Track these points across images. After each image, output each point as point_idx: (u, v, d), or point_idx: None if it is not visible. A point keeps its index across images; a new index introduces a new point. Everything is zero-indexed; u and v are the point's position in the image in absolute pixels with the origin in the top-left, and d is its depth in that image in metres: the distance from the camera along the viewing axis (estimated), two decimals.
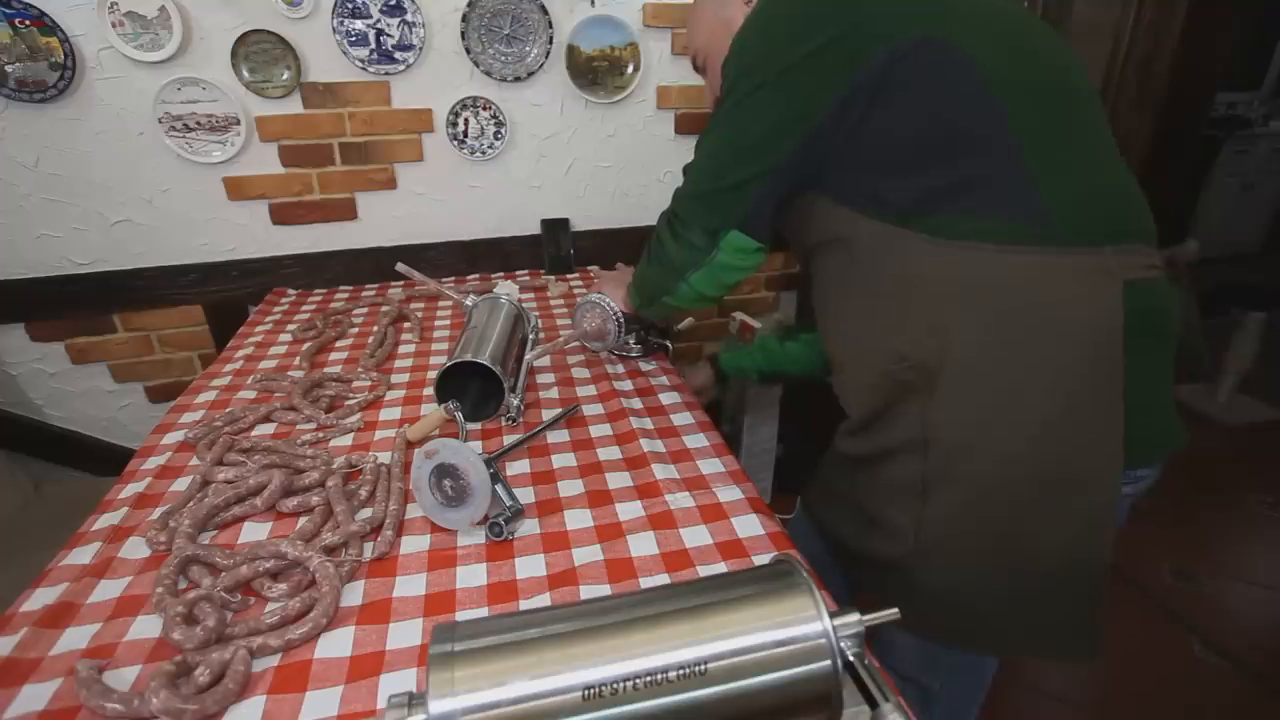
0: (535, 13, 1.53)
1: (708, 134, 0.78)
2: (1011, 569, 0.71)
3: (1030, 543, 0.69)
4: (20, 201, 1.41)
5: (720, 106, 0.75)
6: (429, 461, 0.72)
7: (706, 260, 0.81)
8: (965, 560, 0.73)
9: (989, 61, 0.65)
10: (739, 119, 0.73)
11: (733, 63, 0.73)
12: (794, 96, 0.68)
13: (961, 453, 0.69)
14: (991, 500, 0.69)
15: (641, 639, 0.39)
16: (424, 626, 0.62)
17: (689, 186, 0.81)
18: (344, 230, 1.64)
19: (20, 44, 1.29)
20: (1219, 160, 4.02)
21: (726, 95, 0.74)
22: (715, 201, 0.77)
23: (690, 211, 0.80)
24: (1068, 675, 1.58)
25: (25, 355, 1.53)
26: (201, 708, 0.52)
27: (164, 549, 0.71)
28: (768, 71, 0.69)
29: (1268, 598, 1.81)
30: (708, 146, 0.78)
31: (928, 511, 0.72)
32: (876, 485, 0.78)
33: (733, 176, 0.74)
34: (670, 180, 1.81)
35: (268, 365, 1.17)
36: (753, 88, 0.70)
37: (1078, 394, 0.65)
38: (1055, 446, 0.66)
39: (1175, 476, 2.25)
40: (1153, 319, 0.66)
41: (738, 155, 0.74)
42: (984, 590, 0.73)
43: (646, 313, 1.04)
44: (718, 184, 0.76)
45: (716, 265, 0.81)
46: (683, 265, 0.83)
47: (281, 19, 1.41)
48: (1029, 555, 0.70)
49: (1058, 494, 0.67)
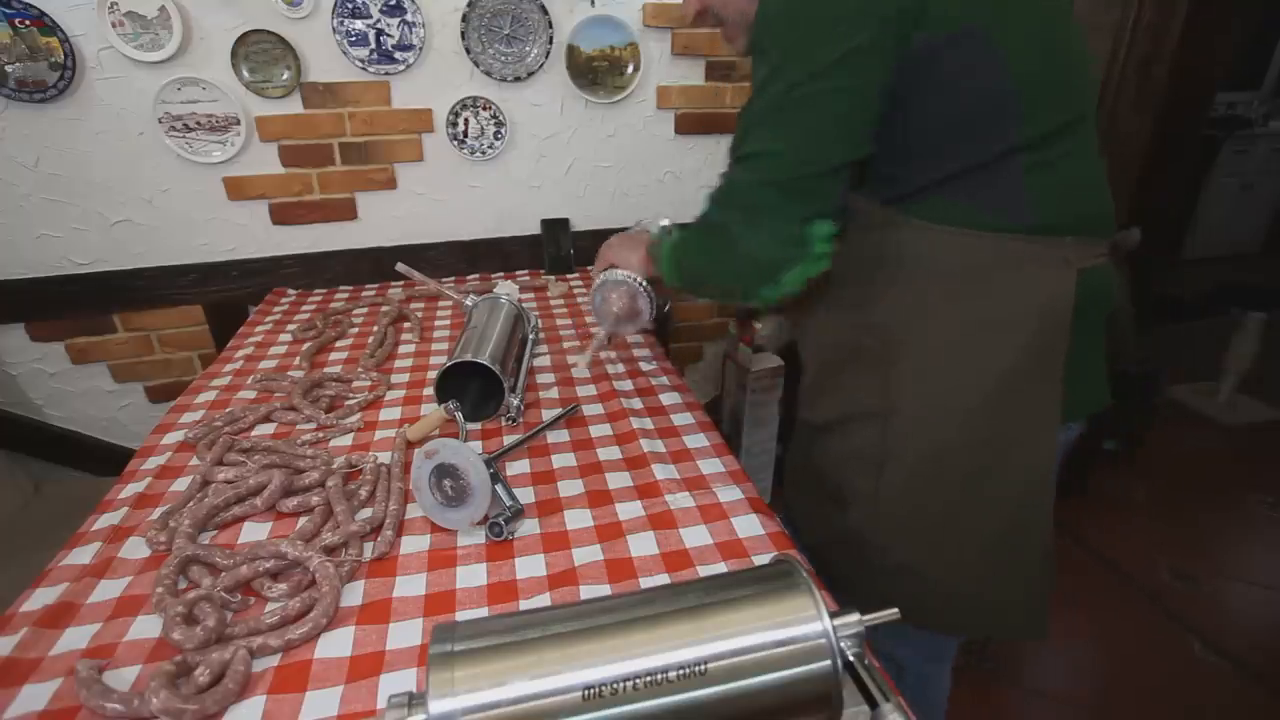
0: (535, 13, 1.53)
1: (775, 114, 0.67)
2: (963, 537, 0.78)
3: (979, 509, 0.76)
4: (20, 201, 1.41)
5: (777, 81, 0.65)
6: (429, 461, 0.72)
7: (803, 255, 0.70)
8: (921, 527, 0.79)
9: (1018, 59, 0.64)
10: (818, 100, 0.64)
11: (787, 33, 0.65)
12: (867, 76, 0.64)
13: (920, 421, 0.75)
14: (945, 466, 0.75)
15: (641, 639, 0.39)
16: (424, 626, 0.62)
17: (762, 174, 0.69)
18: (344, 230, 1.64)
19: (20, 44, 1.29)
20: (1219, 160, 4.03)
21: (785, 68, 0.65)
22: (806, 189, 0.68)
23: (774, 201, 0.69)
24: (1068, 675, 1.58)
25: (25, 355, 1.53)
26: (201, 708, 0.52)
27: (164, 549, 0.71)
28: (838, 47, 0.62)
29: (1268, 598, 1.81)
30: (776, 128, 0.67)
31: (886, 477, 0.78)
32: (838, 453, 0.84)
33: (823, 161, 0.66)
34: (670, 180, 1.81)
35: (268, 365, 1.17)
36: (829, 64, 0.63)
37: (1029, 371, 0.71)
38: (1004, 417, 0.73)
39: (1175, 476, 2.27)
40: (1095, 300, 0.73)
41: (823, 138, 0.66)
42: (937, 561, 0.79)
43: (675, 290, 0.89)
44: (805, 169, 0.67)
45: (812, 259, 0.70)
46: (773, 263, 0.71)
47: (281, 19, 1.41)
48: (979, 520, 0.77)
49: (1005, 459, 0.74)
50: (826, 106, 0.64)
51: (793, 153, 0.67)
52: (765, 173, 0.69)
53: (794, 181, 0.67)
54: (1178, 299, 3.51)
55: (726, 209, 0.74)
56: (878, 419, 0.78)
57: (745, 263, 0.72)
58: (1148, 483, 2.26)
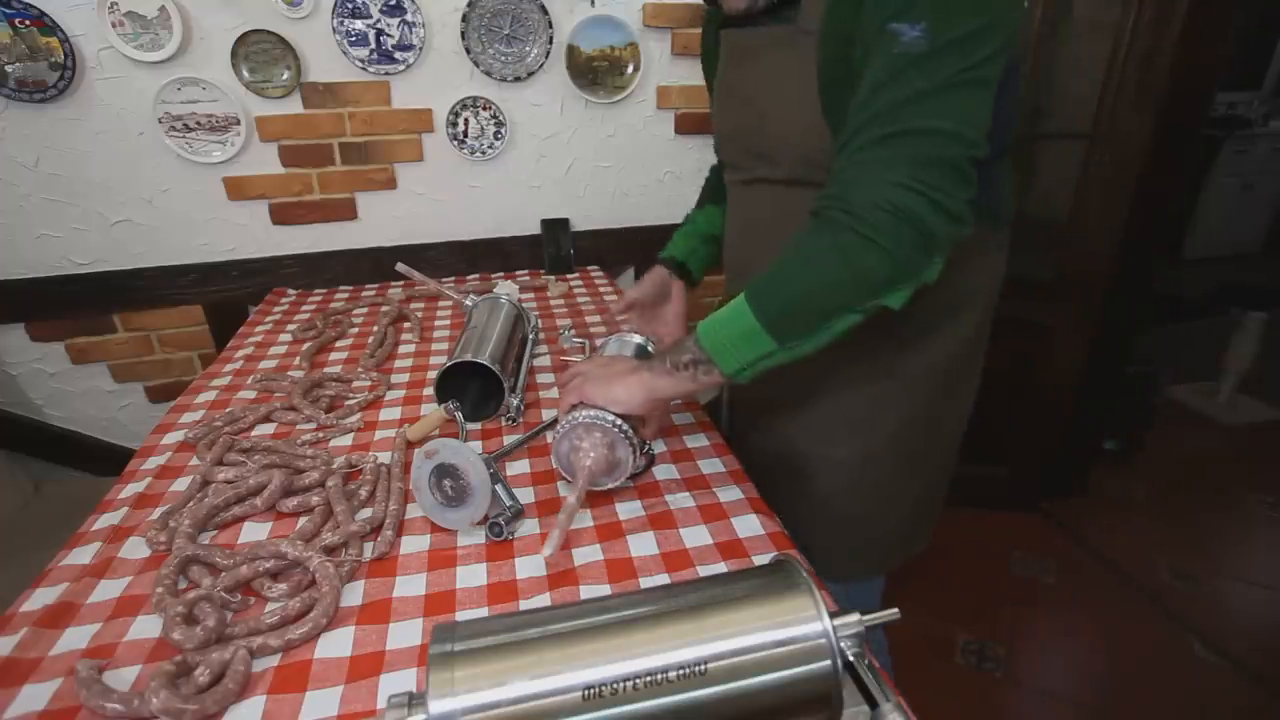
0: (535, 13, 1.53)
1: (950, 91, 0.60)
2: (910, 487, 0.90)
3: (929, 460, 0.90)
4: (20, 201, 1.41)
5: (955, 58, 0.59)
6: (429, 461, 0.72)
7: (966, 234, 0.64)
8: (884, 487, 0.88)
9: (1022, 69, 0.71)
10: (987, 88, 0.62)
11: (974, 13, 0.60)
12: (996, 75, 0.62)
13: (907, 388, 0.83)
14: (918, 427, 0.85)
15: (641, 639, 0.39)
16: (424, 626, 0.62)
17: (935, 149, 0.61)
18: (344, 230, 1.64)
19: (20, 44, 1.29)
20: (1219, 160, 4.03)
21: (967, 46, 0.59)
22: (971, 174, 0.62)
23: (952, 179, 0.61)
24: (1068, 675, 1.58)
25: (25, 355, 1.53)
26: (201, 708, 0.52)
27: (164, 549, 0.71)
28: (1001, 34, 0.60)
29: (1268, 598, 1.81)
30: (951, 104, 0.60)
31: (867, 444, 0.85)
32: (822, 418, 0.87)
33: (979, 149, 0.62)
34: (670, 180, 1.81)
35: (268, 365, 1.17)
36: (983, 58, 0.60)
37: (977, 340, 0.86)
38: (957, 379, 0.86)
39: (1175, 476, 2.27)
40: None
41: (981, 126, 0.62)
42: (887, 512, 0.90)
43: (759, 368, 0.68)
44: (972, 152, 0.61)
45: (963, 238, 0.65)
46: (945, 240, 0.63)
47: (281, 19, 1.41)
48: (925, 469, 0.90)
49: (951, 414, 0.88)
50: (986, 95, 0.62)
51: (966, 133, 0.61)
52: (941, 149, 0.61)
53: (964, 163, 0.62)
54: (1178, 299, 3.51)
55: (873, 191, 0.62)
56: (868, 384, 0.83)
57: (906, 243, 0.61)
58: (1148, 483, 2.26)
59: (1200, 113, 1.69)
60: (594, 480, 0.74)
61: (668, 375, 0.71)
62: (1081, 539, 2.01)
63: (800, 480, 0.90)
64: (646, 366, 0.73)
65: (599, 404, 0.73)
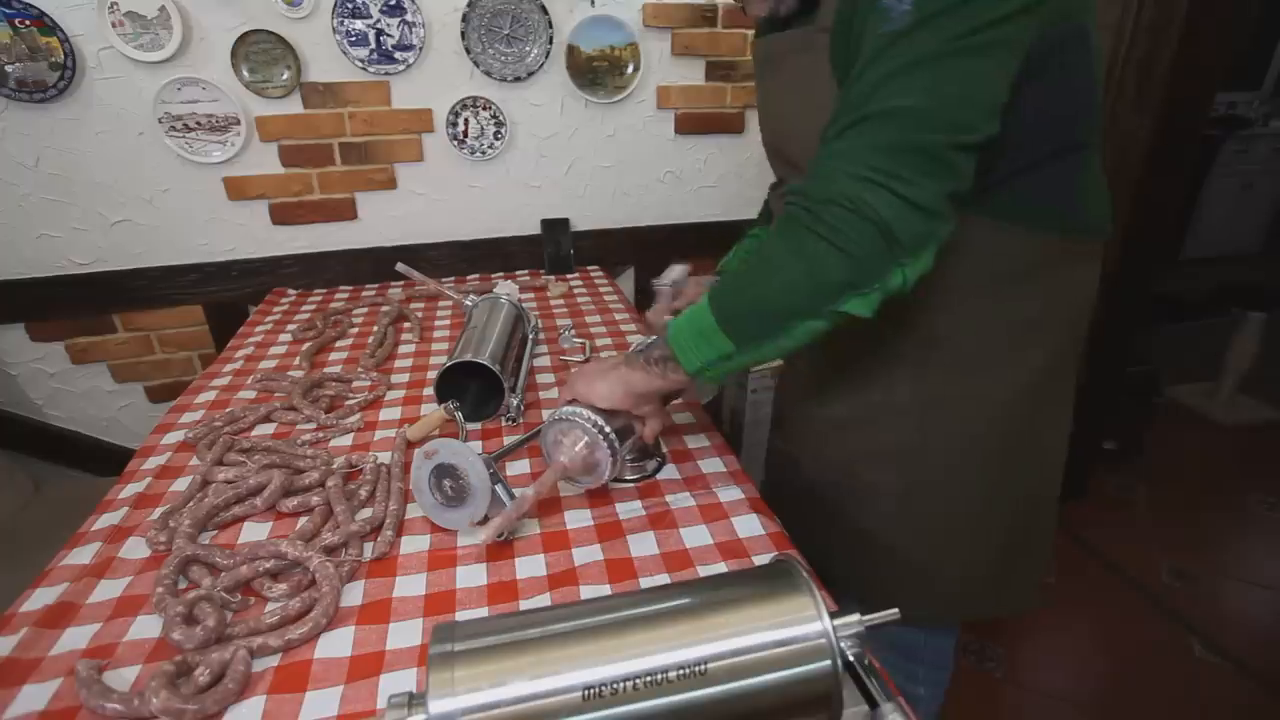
0: (535, 13, 1.53)
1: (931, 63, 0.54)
2: (982, 530, 0.78)
3: (1001, 502, 0.77)
4: (20, 201, 1.41)
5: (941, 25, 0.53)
6: (429, 461, 0.72)
7: (943, 233, 0.57)
8: (942, 524, 0.78)
9: (1098, 61, 0.62)
10: (990, 52, 0.54)
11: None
12: (1022, 40, 0.55)
13: (956, 417, 0.74)
14: (976, 461, 0.75)
15: (641, 639, 0.39)
16: (424, 626, 0.62)
17: (900, 133, 0.55)
18: (344, 230, 1.64)
19: (20, 44, 1.29)
20: (1219, 160, 4.03)
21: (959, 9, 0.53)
22: (948, 161, 0.55)
23: (919, 167, 0.54)
24: (1068, 675, 1.58)
25: (25, 355, 1.53)
26: (201, 708, 0.52)
27: (164, 549, 0.71)
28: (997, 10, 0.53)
29: (1268, 598, 1.81)
30: (930, 77, 0.54)
31: (916, 474, 0.77)
32: (858, 449, 0.80)
33: (970, 129, 0.55)
34: (670, 180, 1.81)
35: (268, 365, 1.17)
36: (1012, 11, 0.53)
37: (1055, 368, 0.73)
38: (1032, 411, 0.74)
39: (1175, 476, 2.27)
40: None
41: (974, 102, 0.55)
42: (953, 556, 0.79)
43: (722, 368, 0.65)
44: (954, 135, 0.54)
45: (939, 243, 0.58)
46: (915, 236, 0.56)
47: (281, 19, 1.41)
48: (999, 513, 0.78)
49: (1028, 453, 0.77)
50: (994, 61, 0.54)
51: (942, 112, 0.54)
52: (906, 132, 0.54)
53: (940, 148, 0.54)
54: (1178, 299, 3.51)
55: (829, 184, 0.57)
56: (910, 414, 0.75)
57: (865, 243, 0.55)
58: (1148, 483, 2.26)
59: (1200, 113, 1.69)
60: (568, 475, 0.74)
61: (641, 370, 0.70)
62: (1081, 539, 2.01)
63: (843, 507, 0.84)
64: (626, 362, 0.73)
65: (586, 400, 0.73)
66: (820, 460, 0.87)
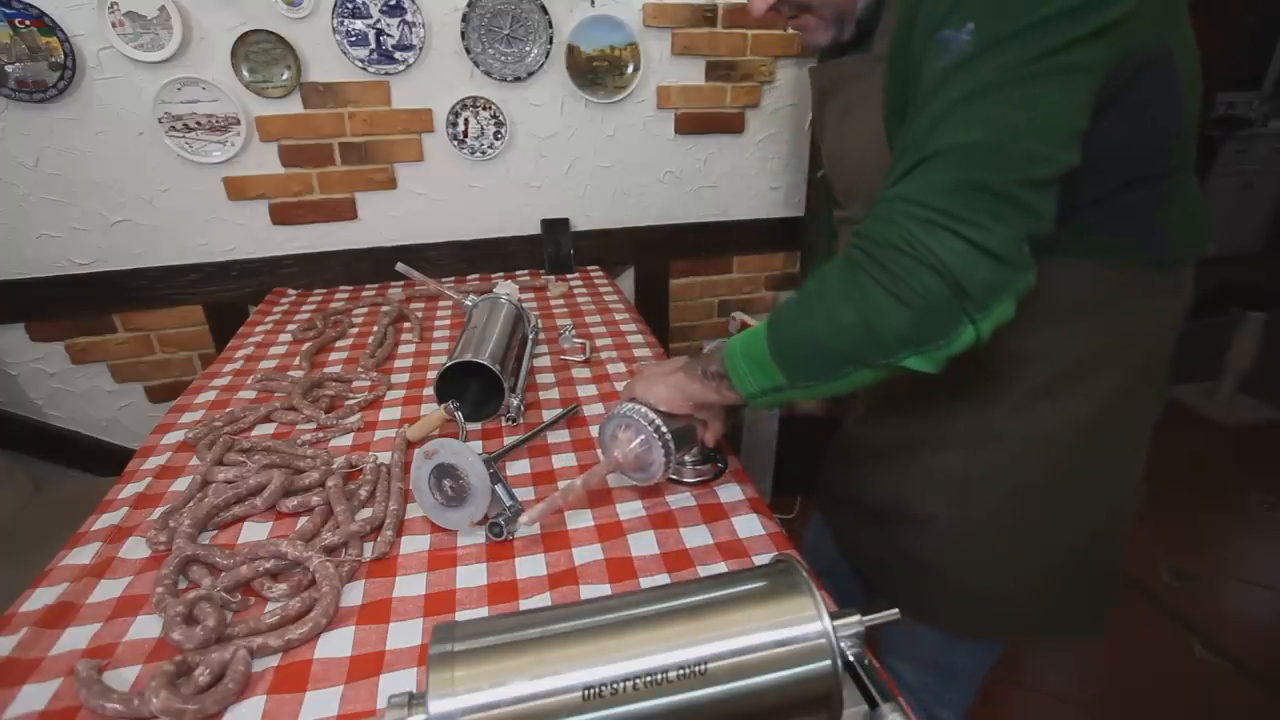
0: (535, 13, 1.53)
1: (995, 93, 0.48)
2: (1041, 559, 0.73)
3: (1062, 532, 0.72)
4: (20, 201, 1.41)
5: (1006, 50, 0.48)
6: (429, 461, 0.72)
7: (1020, 284, 0.51)
8: (1000, 553, 0.73)
9: (1188, 82, 0.56)
10: (1069, 76, 0.49)
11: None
12: (1091, 66, 0.50)
13: (1019, 450, 0.69)
14: (1038, 493, 0.70)
15: (641, 639, 0.39)
16: (424, 626, 0.62)
17: (965, 172, 0.49)
18: (344, 230, 1.64)
19: (20, 44, 1.29)
20: (1219, 160, 4.03)
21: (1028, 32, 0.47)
22: (1026, 199, 0.49)
23: (984, 208, 0.48)
24: (1068, 675, 1.58)
25: (25, 355, 1.53)
26: (201, 708, 0.52)
27: (164, 549, 0.71)
28: (1102, 15, 0.48)
29: (1268, 598, 1.81)
30: (995, 110, 0.49)
31: (974, 505, 0.72)
32: (913, 477, 0.76)
33: (1050, 161, 0.49)
34: (670, 180, 1.81)
35: (268, 365, 1.17)
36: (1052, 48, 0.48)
37: (1125, 404, 0.68)
38: (1101, 443, 0.69)
39: (1175, 476, 2.27)
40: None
41: (1052, 132, 0.49)
42: (1009, 582, 0.74)
43: (776, 398, 0.62)
44: (1029, 172, 0.49)
45: (1018, 295, 0.52)
46: (988, 286, 0.50)
47: (281, 19, 1.41)
48: (1060, 541, 0.73)
49: (1095, 485, 0.71)
50: (1066, 86, 0.49)
51: (1007, 145, 0.48)
52: (966, 170, 0.49)
53: (1007, 185, 0.48)
54: None
55: (888, 226, 0.52)
56: (968, 446, 0.71)
57: (928, 295, 0.50)
58: (1147, 483, 2.25)
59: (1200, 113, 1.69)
60: (620, 471, 0.75)
61: (699, 381, 0.69)
62: None
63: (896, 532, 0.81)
64: (686, 367, 0.71)
65: (645, 400, 0.73)
66: (871, 483, 0.83)
